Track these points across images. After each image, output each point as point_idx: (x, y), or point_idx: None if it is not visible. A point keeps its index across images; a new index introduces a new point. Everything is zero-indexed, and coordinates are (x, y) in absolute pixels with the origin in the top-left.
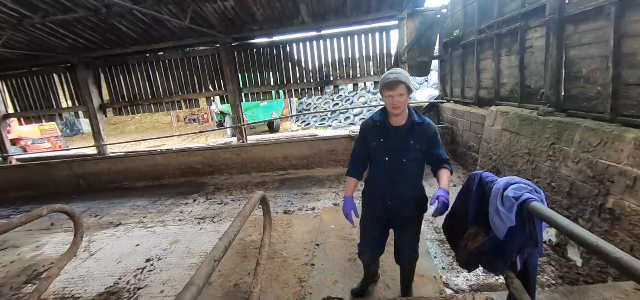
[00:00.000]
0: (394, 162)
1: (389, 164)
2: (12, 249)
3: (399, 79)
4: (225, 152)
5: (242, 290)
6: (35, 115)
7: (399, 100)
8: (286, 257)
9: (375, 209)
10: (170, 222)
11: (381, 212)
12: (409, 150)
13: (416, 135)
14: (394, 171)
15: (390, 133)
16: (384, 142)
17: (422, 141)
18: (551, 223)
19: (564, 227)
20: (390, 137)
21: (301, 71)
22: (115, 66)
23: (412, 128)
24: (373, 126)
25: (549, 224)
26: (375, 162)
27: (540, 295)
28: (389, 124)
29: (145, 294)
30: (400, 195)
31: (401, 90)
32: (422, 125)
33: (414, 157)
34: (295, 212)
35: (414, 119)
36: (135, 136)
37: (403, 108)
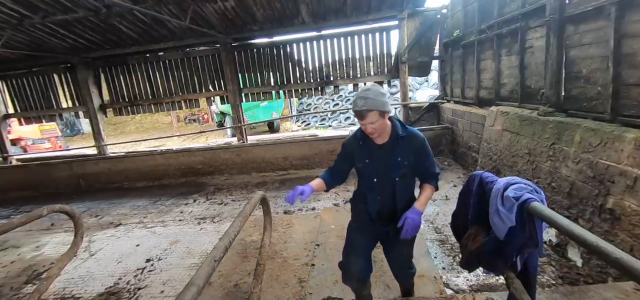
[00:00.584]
0: (383, 181)
1: (378, 184)
2: (12, 249)
3: (366, 107)
4: (225, 152)
5: (242, 290)
6: (35, 115)
7: (371, 127)
8: (286, 257)
9: (364, 221)
10: (170, 222)
11: (370, 226)
12: (396, 167)
13: (402, 151)
14: (385, 190)
15: (375, 152)
16: (369, 163)
17: (409, 155)
18: (551, 223)
19: (564, 227)
20: (375, 156)
21: (301, 71)
22: (115, 66)
23: (396, 144)
24: (356, 145)
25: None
26: (364, 180)
27: (540, 295)
28: (371, 142)
29: (145, 294)
30: (392, 215)
31: (371, 118)
32: (406, 138)
33: (404, 173)
34: (295, 212)
35: (397, 133)
36: (135, 136)
37: (380, 132)
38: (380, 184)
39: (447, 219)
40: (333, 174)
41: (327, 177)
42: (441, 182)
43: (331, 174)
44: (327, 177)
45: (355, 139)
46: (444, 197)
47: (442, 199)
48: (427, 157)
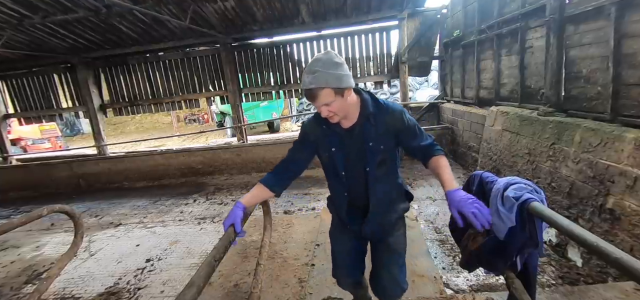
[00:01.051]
0: (353, 174)
1: (346, 177)
2: (12, 249)
3: (315, 85)
4: (225, 152)
5: (242, 290)
6: (35, 115)
7: (327, 110)
8: (286, 257)
9: (340, 226)
10: (170, 222)
11: (350, 234)
12: (371, 154)
13: (376, 133)
14: (356, 186)
15: (342, 138)
16: (335, 152)
17: (387, 137)
18: (551, 223)
19: (564, 227)
20: (342, 143)
21: (301, 71)
22: (115, 66)
23: (367, 125)
24: (319, 130)
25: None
26: (330, 177)
27: (540, 295)
28: (337, 126)
29: (145, 294)
30: (372, 218)
31: (325, 99)
32: (379, 116)
33: (381, 159)
34: (295, 212)
35: (367, 111)
36: (135, 136)
37: (342, 114)
38: (349, 177)
39: (447, 219)
40: (284, 170)
41: (271, 180)
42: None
43: (280, 171)
44: (271, 180)
45: (317, 122)
46: (444, 197)
47: (442, 199)
48: (415, 132)
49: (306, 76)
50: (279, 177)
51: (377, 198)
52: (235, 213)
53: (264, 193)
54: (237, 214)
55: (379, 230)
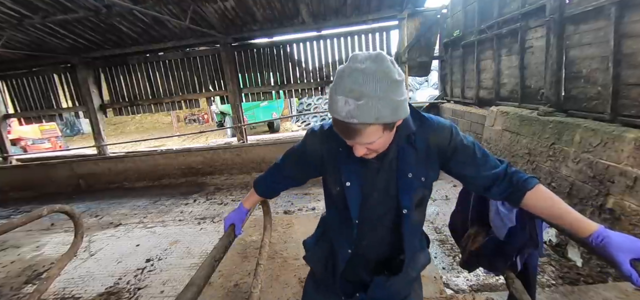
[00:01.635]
0: (372, 221)
1: (359, 226)
2: (12, 249)
3: (362, 119)
4: (225, 152)
5: (242, 290)
6: (35, 115)
7: (365, 149)
8: (286, 257)
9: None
10: (170, 222)
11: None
12: (408, 190)
13: (417, 159)
14: (373, 238)
15: (366, 168)
16: (351, 188)
17: (431, 165)
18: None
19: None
20: (365, 174)
21: (301, 71)
22: (115, 66)
23: (407, 149)
24: (329, 151)
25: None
26: (331, 216)
27: (540, 295)
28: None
29: (145, 294)
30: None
31: (370, 137)
32: (422, 135)
33: (421, 197)
34: (295, 212)
35: (408, 130)
36: (136, 136)
37: (384, 149)
38: (365, 224)
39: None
40: (278, 181)
41: (263, 187)
42: (441, 182)
43: (274, 179)
44: (263, 187)
45: (325, 139)
46: (444, 197)
47: (442, 199)
48: (474, 154)
49: (346, 100)
50: (271, 186)
51: (413, 252)
52: (238, 214)
53: (256, 199)
54: (241, 214)
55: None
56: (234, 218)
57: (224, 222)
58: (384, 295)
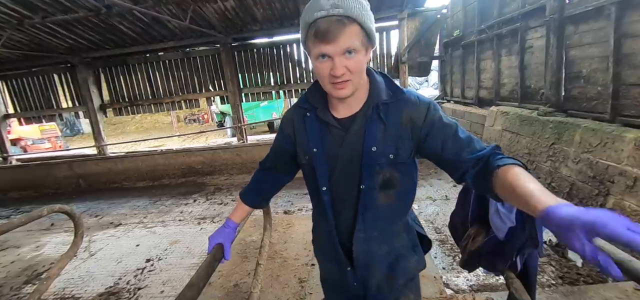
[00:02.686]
0: (341, 194)
1: (331, 198)
2: (12, 249)
3: (345, 10)
4: (225, 152)
5: (242, 290)
6: (35, 116)
7: (344, 65)
8: (286, 257)
9: (332, 273)
10: (170, 222)
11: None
12: (371, 165)
13: (385, 133)
14: (345, 213)
15: (331, 132)
16: (317, 154)
17: (402, 142)
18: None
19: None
20: (330, 139)
21: (301, 71)
22: (115, 66)
23: (374, 119)
24: (299, 118)
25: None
26: (312, 196)
27: (540, 295)
28: (327, 115)
29: (145, 294)
30: (365, 264)
31: (350, 40)
32: (394, 108)
33: (387, 178)
34: (295, 212)
35: (378, 98)
36: (135, 136)
37: (356, 83)
38: (338, 199)
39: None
40: (263, 181)
41: (251, 197)
42: (441, 182)
43: (261, 182)
44: (251, 197)
45: (297, 108)
46: (444, 197)
47: (442, 199)
48: (452, 132)
49: (324, 1)
50: (259, 194)
51: (368, 239)
52: (225, 232)
53: (249, 209)
54: (229, 232)
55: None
56: (220, 237)
57: (209, 241)
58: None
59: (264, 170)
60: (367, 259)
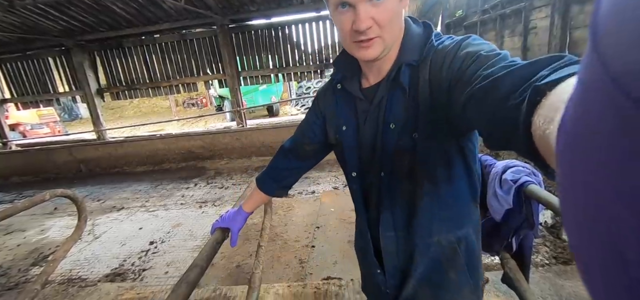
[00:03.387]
0: (370, 182)
1: (362, 187)
2: (18, 232)
3: None
4: (224, 136)
5: (244, 270)
6: (32, 100)
7: (368, 13)
8: (287, 239)
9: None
10: (171, 205)
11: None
12: (389, 145)
13: (405, 103)
14: (376, 204)
15: (359, 107)
16: (347, 133)
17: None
18: (548, 205)
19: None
20: (360, 116)
21: (300, 53)
22: (111, 49)
23: (396, 81)
24: (329, 92)
25: (545, 206)
26: (348, 184)
27: (533, 274)
28: (353, 85)
29: (150, 275)
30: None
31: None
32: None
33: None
34: (295, 195)
35: (406, 56)
36: (134, 121)
37: (389, 38)
38: (368, 184)
39: None
40: (284, 169)
41: (269, 184)
42: None
43: (281, 168)
44: (269, 184)
45: (329, 84)
46: None
47: None
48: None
49: None
50: (278, 181)
51: (398, 239)
52: (237, 219)
53: (265, 198)
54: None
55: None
56: (230, 221)
57: (217, 222)
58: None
59: (285, 153)
60: (395, 263)
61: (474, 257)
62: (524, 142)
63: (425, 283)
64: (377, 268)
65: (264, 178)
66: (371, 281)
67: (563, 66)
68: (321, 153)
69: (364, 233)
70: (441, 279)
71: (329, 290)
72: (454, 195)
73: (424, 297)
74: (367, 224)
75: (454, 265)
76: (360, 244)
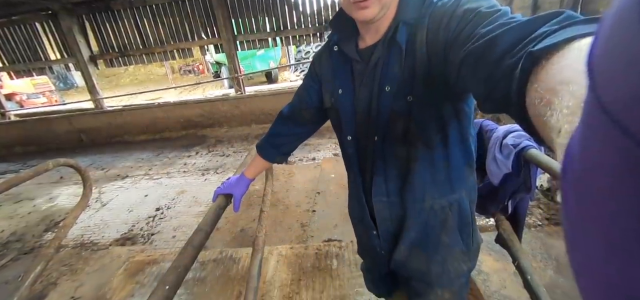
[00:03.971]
0: (364, 145)
1: (357, 150)
2: (27, 201)
3: None
4: (223, 104)
5: (248, 234)
6: (24, 69)
7: None
8: (288, 204)
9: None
10: (175, 173)
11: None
12: (384, 108)
13: (402, 64)
14: (369, 169)
15: (355, 69)
16: (343, 96)
17: (425, 75)
18: (547, 170)
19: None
20: (356, 78)
21: (298, 15)
22: (100, 13)
23: (392, 41)
24: (326, 54)
25: (544, 170)
26: (341, 148)
27: (525, 235)
28: (349, 46)
29: (158, 239)
30: (387, 233)
31: None
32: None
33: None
34: (295, 162)
35: (403, 15)
36: (130, 89)
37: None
38: (363, 147)
39: None
40: (284, 134)
41: (269, 151)
42: None
43: (281, 134)
44: (269, 151)
45: (326, 45)
46: None
47: None
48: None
49: None
50: (277, 147)
51: (391, 204)
52: (240, 185)
53: (266, 164)
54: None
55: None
56: (232, 187)
57: (220, 189)
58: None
59: (283, 120)
60: (388, 227)
61: (467, 220)
62: (518, 112)
63: (417, 245)
64: (374, 230)
65: (264, 145)
66: (368, 243)
67: (563, 26)
68: (320, 118)
69: (359, 198)
70: (432, 242)
71: (329, 251)
72: (447, 159)
73: (417, 258)
74: (363, 188)
75: (446, 228)
76: (356, 210)
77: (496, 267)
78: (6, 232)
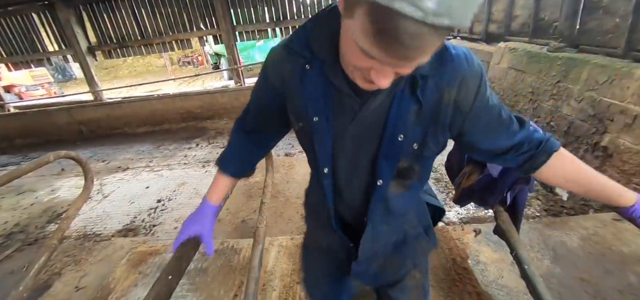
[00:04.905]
0: (346, 181)
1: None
2: (29, 193)
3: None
4: (223, 95)
5: (249, 225)
6: (22, 60)
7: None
8: (288, 196)
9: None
10: (175, 165)
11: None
12: (392, 156)
13: (416, 116)
14: (350, 200)
15: (341, 101)
16: (319, 124)
17: (436, 126)
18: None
19: None
20: (340, 111)
21: (298, 5)
22: (97, 3)
23: (408, 93)
24: (294, 71)
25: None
26: (310, 166)
27: (523, 226)
28: (338, 77)
29: (160, 230)
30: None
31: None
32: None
33: (409, 166)
34: (296, 154)
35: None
36: (129, 81)
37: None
38: (343, 182)
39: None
40: (241, 149)
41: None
42: None
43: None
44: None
45: (293, 60)
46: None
47: None
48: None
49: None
50: (243, 160)
51: (376, 237)
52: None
53: (233, 182)
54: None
55: (378, 277)
56: (196, 227)
57: (179, 235)
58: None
59: (245, 132)
60: (372, 253)
61: (424, 210)
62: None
63: (392, 256)
64: (350, 243)
65: (228, 159)
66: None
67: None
68: (287, 126)
69: (330, 224)
70: (406, 249)
71: None
72: (427, 179)
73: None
74: (335, 216)
75: (414, 231)
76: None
77: (494, 258)
78: (10, 224)
